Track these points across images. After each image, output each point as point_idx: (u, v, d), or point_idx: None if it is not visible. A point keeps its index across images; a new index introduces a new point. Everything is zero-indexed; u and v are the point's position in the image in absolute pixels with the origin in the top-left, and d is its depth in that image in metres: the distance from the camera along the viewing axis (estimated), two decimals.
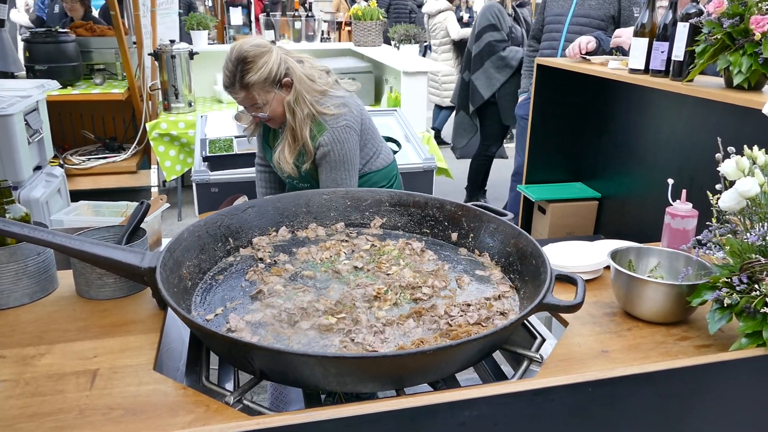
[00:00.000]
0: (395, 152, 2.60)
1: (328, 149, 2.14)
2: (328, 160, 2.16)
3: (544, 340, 1.44)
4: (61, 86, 4.44)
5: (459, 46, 6.98)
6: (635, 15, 3.60)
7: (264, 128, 2.36)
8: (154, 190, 5.04)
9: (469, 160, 5.58)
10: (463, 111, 5.27)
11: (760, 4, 1.96)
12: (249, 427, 0.97)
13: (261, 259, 1.63)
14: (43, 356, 1.27)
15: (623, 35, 3.04)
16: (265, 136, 2.38)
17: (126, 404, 1.12)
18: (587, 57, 3.12)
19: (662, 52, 2.42)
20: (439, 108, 7.43)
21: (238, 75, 2.03)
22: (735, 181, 1.31)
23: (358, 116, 2.24)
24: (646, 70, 2.53)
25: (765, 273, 1.22)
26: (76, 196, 4.01)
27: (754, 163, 1.32)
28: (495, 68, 4.90)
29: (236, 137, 3.84)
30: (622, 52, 3.12)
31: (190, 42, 5.50)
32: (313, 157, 2.17)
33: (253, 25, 10.47)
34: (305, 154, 2.17)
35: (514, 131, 6.94)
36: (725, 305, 1.26)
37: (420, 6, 8.73)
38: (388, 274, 1.56)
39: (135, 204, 1.72)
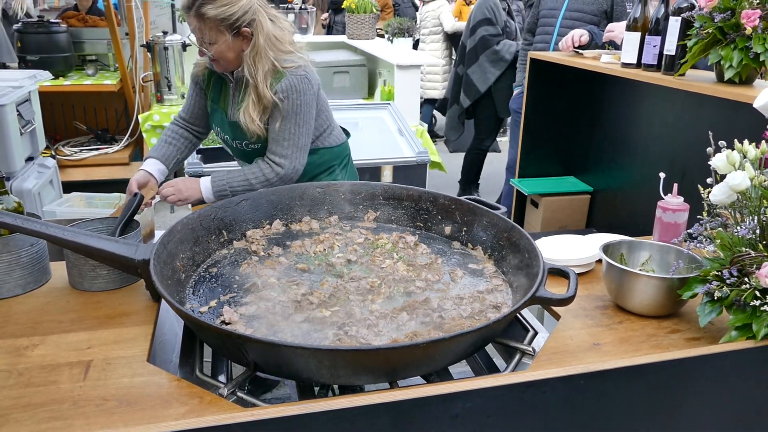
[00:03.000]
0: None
1: (285, 95, 2.05)
2: (280, 109, 2.07)
3: (536, 333, 1.45)
4: (53, 77, 4.41)
5: (450, 37, 6.93)
6: (628, 11, 3.61)
7: (213, 85, 2.24)
8: None
9: (463, 154, 5.59)
10: (456, 105, 5.27)
11: None
12: (243, 418, 0.98)
13: (255, 252, 1.63)
14: (36, 347, 1.27)
15: (615, 30, 3.05)
16: (214, 95, 2.24)
17: (120, 395, 1.12)
18: (580, 51, 3.13)
19: (654, 46, 2.43)
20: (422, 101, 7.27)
21: (198, 2, 1.94)
22: (726, 174, 1.32)
23: (316, 79, 2.17)
24: (638, 64, 2.55)
25: (755, 266, 1.23)
26: (69, 187, 4.00)
27: (745, 157, 1.33)
28: (489, 62, 4.91)
29: None
30: (615, 46, 3.13)
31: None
32: (271, 108, 2.08)
33: None
34: (268, 110, 2.09)
35: (508, 125, 6.95)
36: (715, 298, 1.27)
37: None
38: (381, 268, 1.56)
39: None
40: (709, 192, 1.36)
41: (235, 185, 2.10)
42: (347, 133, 2.62)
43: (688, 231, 1.46)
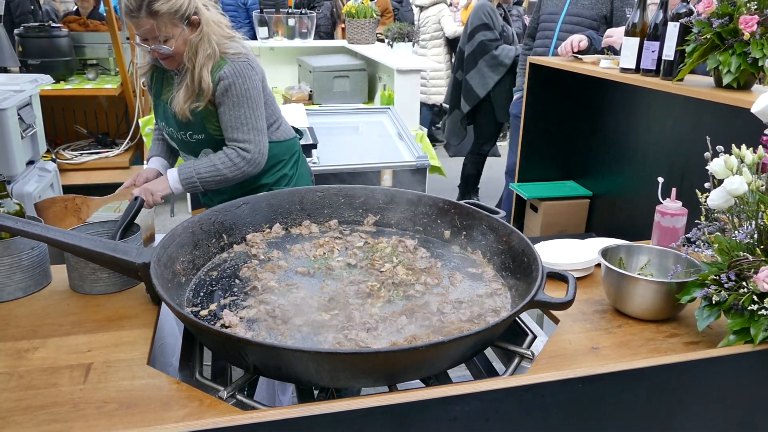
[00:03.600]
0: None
1: (230, 82, 2.06)
2: (229, 95, 2.08)
3: (535, 337, 1.46)
4: (54, 81, 4.42)
5: (451, 42, 6.93)
6: (627, 16, 3.63)
7: (156, 81, 2.25)
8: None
9: (462, 158, 5.60)
10: (457, 110, 5.29)
11: (748, 4, 1.98)
12: (242, 421, 0.98)
13: (255, 256, 1.64)
14: (36, 350, 1.27)
15: (614, 35, 3.07)
16: (156, 90, 2.25)
17: (120, 398, 1.12)
18: (579, 56, 3.14)
19: (653, 51, 2.44)
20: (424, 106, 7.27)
21: (146, 0, 1.94)
22: (723, 179, 1.33)
23: (260, 68, 2.18)
24: (637, 70, 2.55)
25: (753, 270, 1.24)
26: (69, 191, 3.99)
27: (742, 161, 1.34)
28: (488, 67, 4.92)
29: None
30: (614, 51, 3.14)
31: None
32: (212, 94, 2.08)
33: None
34: (202, 95, 2.08)
35: (508, 130, 6.96)
36: (713, 302, 1.27)
37: (401, 1, 8.52)
38: (381, 271, 1.57)
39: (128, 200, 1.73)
40: (707, 197, 1.37)
41: (202, 172, 2.11)
42: (300, 133, 2.61)
43: (687, 235, 1.47)
